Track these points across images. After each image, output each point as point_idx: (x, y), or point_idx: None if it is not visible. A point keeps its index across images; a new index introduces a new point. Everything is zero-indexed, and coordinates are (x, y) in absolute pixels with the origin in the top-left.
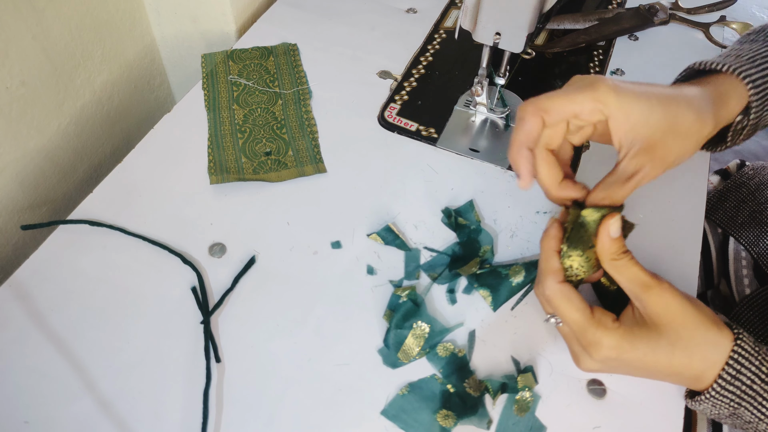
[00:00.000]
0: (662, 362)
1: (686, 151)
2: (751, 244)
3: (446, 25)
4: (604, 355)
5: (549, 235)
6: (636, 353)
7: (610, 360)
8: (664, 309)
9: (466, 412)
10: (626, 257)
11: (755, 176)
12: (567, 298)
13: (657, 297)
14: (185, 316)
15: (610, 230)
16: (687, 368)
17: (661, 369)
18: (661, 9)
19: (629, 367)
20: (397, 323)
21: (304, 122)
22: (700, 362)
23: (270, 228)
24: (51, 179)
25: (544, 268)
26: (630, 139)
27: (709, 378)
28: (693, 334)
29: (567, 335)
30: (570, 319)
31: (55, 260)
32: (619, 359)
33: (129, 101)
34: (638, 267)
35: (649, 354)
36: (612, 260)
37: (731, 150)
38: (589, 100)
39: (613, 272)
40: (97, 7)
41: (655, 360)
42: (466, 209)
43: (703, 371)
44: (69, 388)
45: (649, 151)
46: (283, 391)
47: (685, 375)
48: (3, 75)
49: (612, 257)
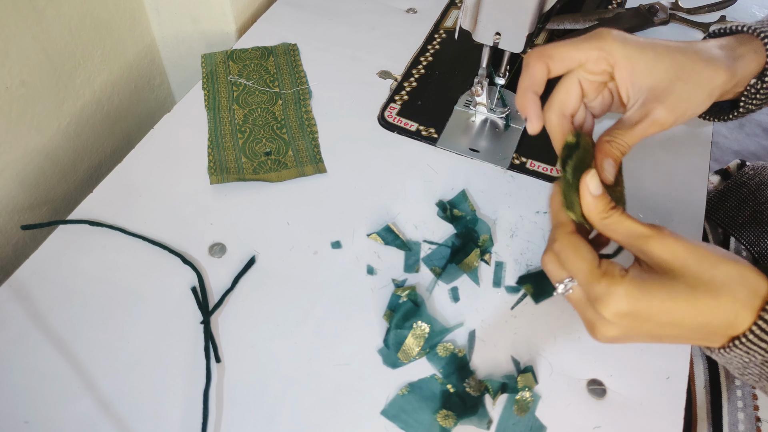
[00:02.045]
0: (685, 310)
1: (698, 100)
2: (751, 244)
3: (446, 25)
4: (615, 309)
5: (554, 195)
6: (652, 302)
7: (623, 316)
8: (671, 254)
9: (466, 412)
10: (616, 212)
11: (756, 176)
12: (574, 247)
13: (660, 244)
14: (185, 316)
15: (590, 188)
16: (715, 313)
17: (686, 320)
18: (661, 9)
19: (649, 323)
20: (397, 323)
21: (304, 122)
22: (729, 303)
23: (270, 228)
24: (51, 179)
25: (553, 224)
26: (637, 88)
27: (744, 321)
28: (713, 274)
29: (577, 302)
30: (576, 270)
31: (55, 260)
32: (633, 314)
33: (129, 101)
34: (631, 220)
35: (668, 301)
36: (602, 219)
37: (731, 150)
38: (593, 48)
39: (607, 231)
40: (97, 7)
41: (676, 308)
42: (460, 200)
43: (735, 314)
44: (69, 388)
45: (656, 100)
46: (283, 391)
47: (715, 323)
48: (3, 75)
49: (601, 216)
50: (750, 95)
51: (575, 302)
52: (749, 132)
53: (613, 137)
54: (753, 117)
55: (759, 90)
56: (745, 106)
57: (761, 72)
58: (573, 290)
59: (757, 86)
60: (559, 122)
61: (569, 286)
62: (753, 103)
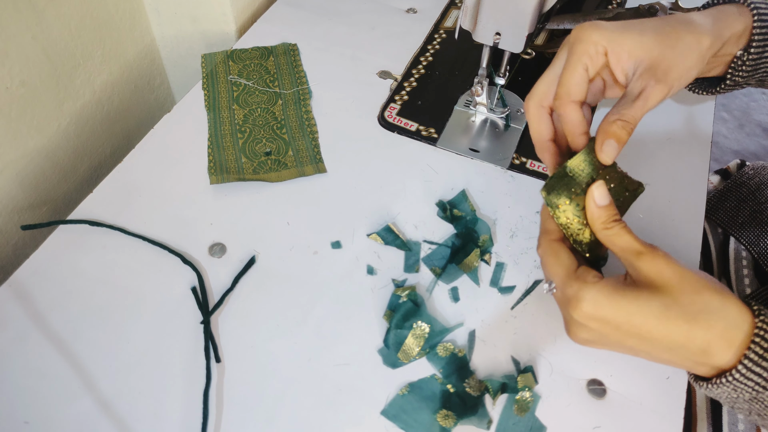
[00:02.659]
0: (654, 326)
1: (688, 65)
2: (751, 243)
3: (446, 25)
4: (581, 310)
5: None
6: (619, 311)
7: (590, 319)
8: (657, 273)
9: (466, 412)
10: (618, 225)
11: (755, 176)
12: (554, 253)
13: (649, 262)
14: (185, 316)
15: (594, 198)
16: (687, 336)
17: (656, 336)
18: (660, 9)
19: (617, 332)
20: (397, 323)
21: (304, 122)
22: (703, 331)
23: (270, 228)
24: (51, 179)
25: (541, 230)
26: (631, 64)
27: (718, 352)
28: (692, 299)
29: (558, 302)
30: (554, 274)
31: (55, 260)
32: (599, 318)
33: (129, 101)
34: (631, 235)
35: (637, 315)
36: (604, 229)
37: (731, 150)
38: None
39: (606, 242)
40: (97, 7)
41: (644, 322)
42: (460, 200)
43: (708, 343)
44: (69, 388)
45: (651, 70)
46: (283, 391)
47: (689, 346)
48: (3, 75)
49: (603, 225)
50: (737, 66)
51: (558, 302)
52: (749, 132)
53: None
54: (753, 117)
55: (745, 61)
56: (732, 78)
57: (747, 44)
58: (556, 291)
59: (743, 58)
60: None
61: (553, 287)
62: (740, 75)
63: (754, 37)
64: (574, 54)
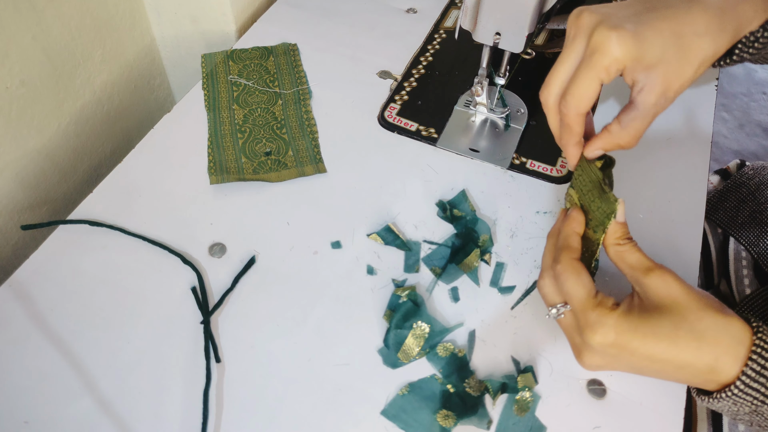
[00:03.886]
0: (665, 347)
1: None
2: (751, 244)
3: (446, 25)
4: (602, 338)
5: (571, 217)
6: (635, 335)
7: (609, 346)
8: (665, 291)
9: (466, 412)
10: (630, 243)
11: (755, 176)
12: (577, 272)
13: (658, 280)
14: (185, 316)
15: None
16: (696, 355)
17: (666, 357)
18: None
19: (632, 356)
20: (397, 323)
21: (304, 122)
22: (710, 348)
23: (270, 228)
24: (51, 179)
25: (563, 245)
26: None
27: (724, 368)
28: (700, 317)
29: (568, 327)
30: (574, 295)
31: (55, 260)
32: (618, 345)
33: (129, 101)
34: (641, 253)
35: (650, 337)
36: (616, 245)
37: (731, 150)
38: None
39: (616, 258)
40: (97, 7)
41: (657, 343)
42: (460, 200)
43: (716, 359)
44: (69, 388)
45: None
46: (283, 391)
47: (697, 365)
48: (3, 75)
49: (616, 241)
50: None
51: (565, 327)
52: (749, 132)
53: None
54: (753, 117)
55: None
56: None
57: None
58: (565, 315)
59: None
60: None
61: (561, 311)
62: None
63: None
64: (591, 67)
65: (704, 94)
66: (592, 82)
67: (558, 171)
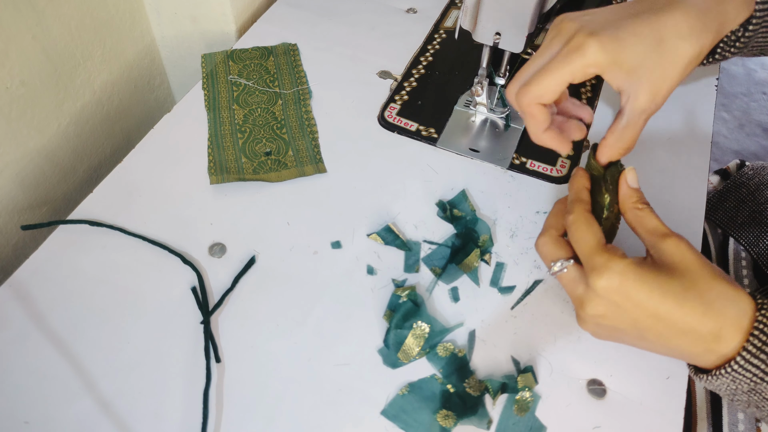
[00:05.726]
0: (671, 306)
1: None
2: (750, 244)
3: (446, 25)
4: (607, 281)
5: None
6: (642, 287)
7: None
8: (680, 257)
9: (466, 412)
10: (648, 208)
11: (755, 176)
12: (588, 222)
13: (674, 245)
14: (185, 316)
15: (627, 179)
16: (701, 321)
17: (671, 317)
18: None
19: (636, 309)
20: (397, 323)
21: (304, 122)
22: (716, 316)
23: (270, 228)
24: (51, 179)
25: (574, 199)
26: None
27: (727, 338)
28: (711, 285)
29: (570, 281)
30: (584, 241)
31: (55, 260)
32: (622, 292)
33: (129, 101)
34: (659, 220)
35: (657, 292)
36: (634, 208)
37: (731, 150)
38: (579, 67)
39: (635, 222)
40: (97, 7)
41: (663, 301)
42: (460, 200)
43: (720, 328)
44: (69, 388)
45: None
46: (283, 391)
47: (700, 331)
48: (3, 75)
49: (634, 205)
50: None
51: (567, 281)
52: (749, 132)
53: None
54: (753, 117)
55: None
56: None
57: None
58: (568, 270)
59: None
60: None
61: (564, 266)
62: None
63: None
64: (565, 63)
65: (704, 94)
66: (562, 77)
67: (558, 171)
